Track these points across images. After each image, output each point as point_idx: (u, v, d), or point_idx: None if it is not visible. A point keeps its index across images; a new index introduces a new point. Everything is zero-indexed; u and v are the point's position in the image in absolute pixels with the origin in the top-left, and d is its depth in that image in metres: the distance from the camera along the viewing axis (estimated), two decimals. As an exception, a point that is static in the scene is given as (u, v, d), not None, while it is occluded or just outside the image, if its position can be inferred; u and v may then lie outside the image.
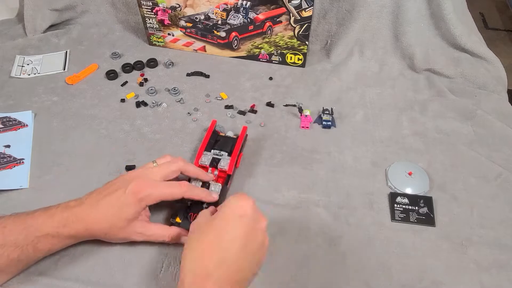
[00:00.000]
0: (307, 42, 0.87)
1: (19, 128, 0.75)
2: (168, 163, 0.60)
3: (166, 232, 0.58)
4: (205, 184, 0.64)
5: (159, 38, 0.94)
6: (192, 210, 0.61)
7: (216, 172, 0.66)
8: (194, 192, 0.59)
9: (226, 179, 0.66)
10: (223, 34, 0.89)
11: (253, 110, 0.81)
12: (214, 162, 0.66)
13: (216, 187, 0.63)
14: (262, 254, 0.49)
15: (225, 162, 0.66)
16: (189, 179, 0.64)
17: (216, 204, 0.61)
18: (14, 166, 0.70)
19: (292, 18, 0.84)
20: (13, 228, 0.52)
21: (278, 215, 0.64)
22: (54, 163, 0.70)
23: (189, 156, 0.73)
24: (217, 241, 0.46)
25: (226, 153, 0.68)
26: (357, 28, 0.91)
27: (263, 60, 0.93)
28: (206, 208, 0.58)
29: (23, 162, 0.70)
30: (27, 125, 0.75)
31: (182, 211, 0.61)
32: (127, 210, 0.54)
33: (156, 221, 0.61)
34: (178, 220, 0.60)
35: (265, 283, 0.56)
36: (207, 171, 0.66)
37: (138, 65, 0.89)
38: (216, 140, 0.71)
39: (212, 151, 0.68)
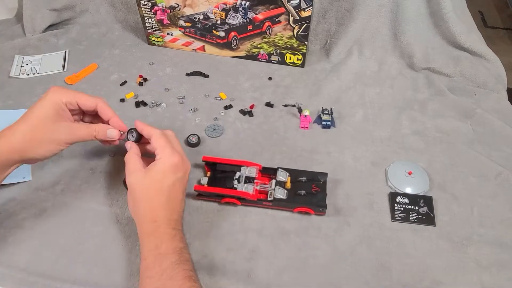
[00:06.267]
0: (306, 42, 0.87)
1: None
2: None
3: (91, 127, 0.61)
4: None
5: (158, 37, 0.94)
6: None
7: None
8: (107, 107, 0.63)
9: None
10: (222, 34, 0.89)
11: (250, 112, 0.80)
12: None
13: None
14: (184, 187, 0.60)
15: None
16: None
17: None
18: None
19: (291, 18, 0.84)
20: None
21: (278, 216, 0.64)
22: (56, 156, 0.70)
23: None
24: (161, 188, 0.56)
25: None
26: (357, 28, 0.91)
27: (262, 60, 0.92)
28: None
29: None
30: None
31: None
32: (46, 110, 0.58)
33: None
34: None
35: (265, 284, 0.56)
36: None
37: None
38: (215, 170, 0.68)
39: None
